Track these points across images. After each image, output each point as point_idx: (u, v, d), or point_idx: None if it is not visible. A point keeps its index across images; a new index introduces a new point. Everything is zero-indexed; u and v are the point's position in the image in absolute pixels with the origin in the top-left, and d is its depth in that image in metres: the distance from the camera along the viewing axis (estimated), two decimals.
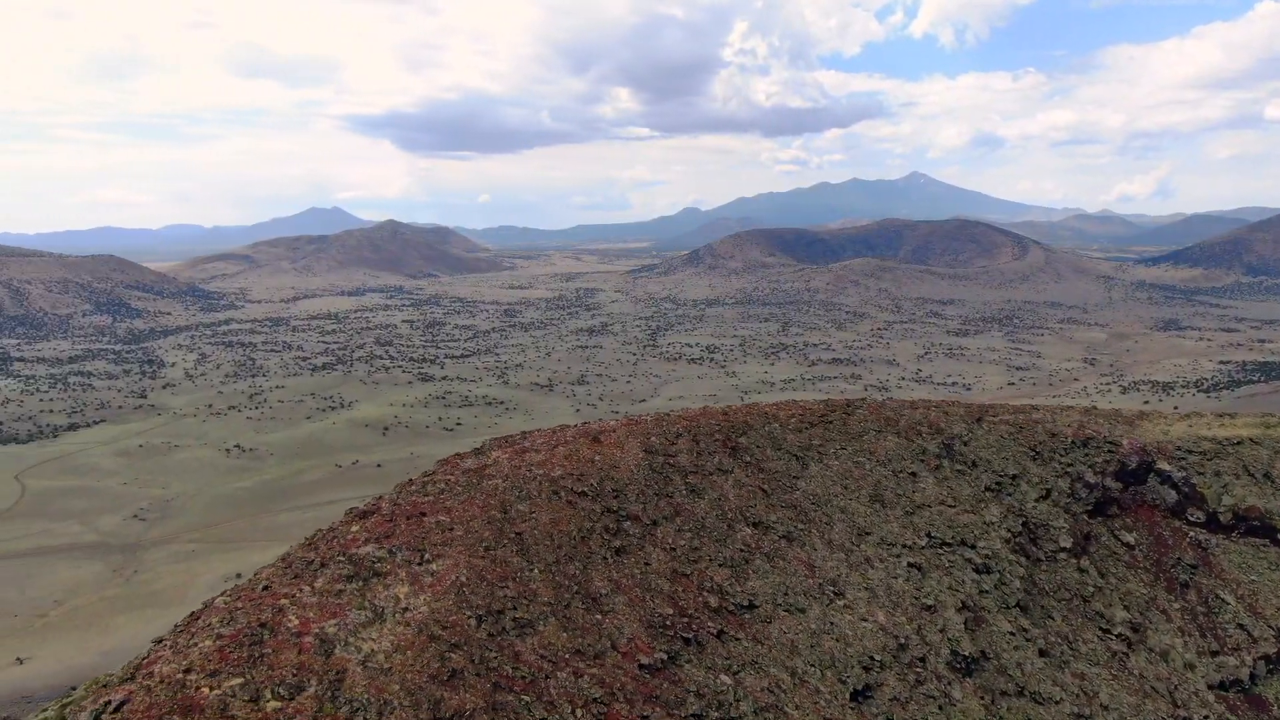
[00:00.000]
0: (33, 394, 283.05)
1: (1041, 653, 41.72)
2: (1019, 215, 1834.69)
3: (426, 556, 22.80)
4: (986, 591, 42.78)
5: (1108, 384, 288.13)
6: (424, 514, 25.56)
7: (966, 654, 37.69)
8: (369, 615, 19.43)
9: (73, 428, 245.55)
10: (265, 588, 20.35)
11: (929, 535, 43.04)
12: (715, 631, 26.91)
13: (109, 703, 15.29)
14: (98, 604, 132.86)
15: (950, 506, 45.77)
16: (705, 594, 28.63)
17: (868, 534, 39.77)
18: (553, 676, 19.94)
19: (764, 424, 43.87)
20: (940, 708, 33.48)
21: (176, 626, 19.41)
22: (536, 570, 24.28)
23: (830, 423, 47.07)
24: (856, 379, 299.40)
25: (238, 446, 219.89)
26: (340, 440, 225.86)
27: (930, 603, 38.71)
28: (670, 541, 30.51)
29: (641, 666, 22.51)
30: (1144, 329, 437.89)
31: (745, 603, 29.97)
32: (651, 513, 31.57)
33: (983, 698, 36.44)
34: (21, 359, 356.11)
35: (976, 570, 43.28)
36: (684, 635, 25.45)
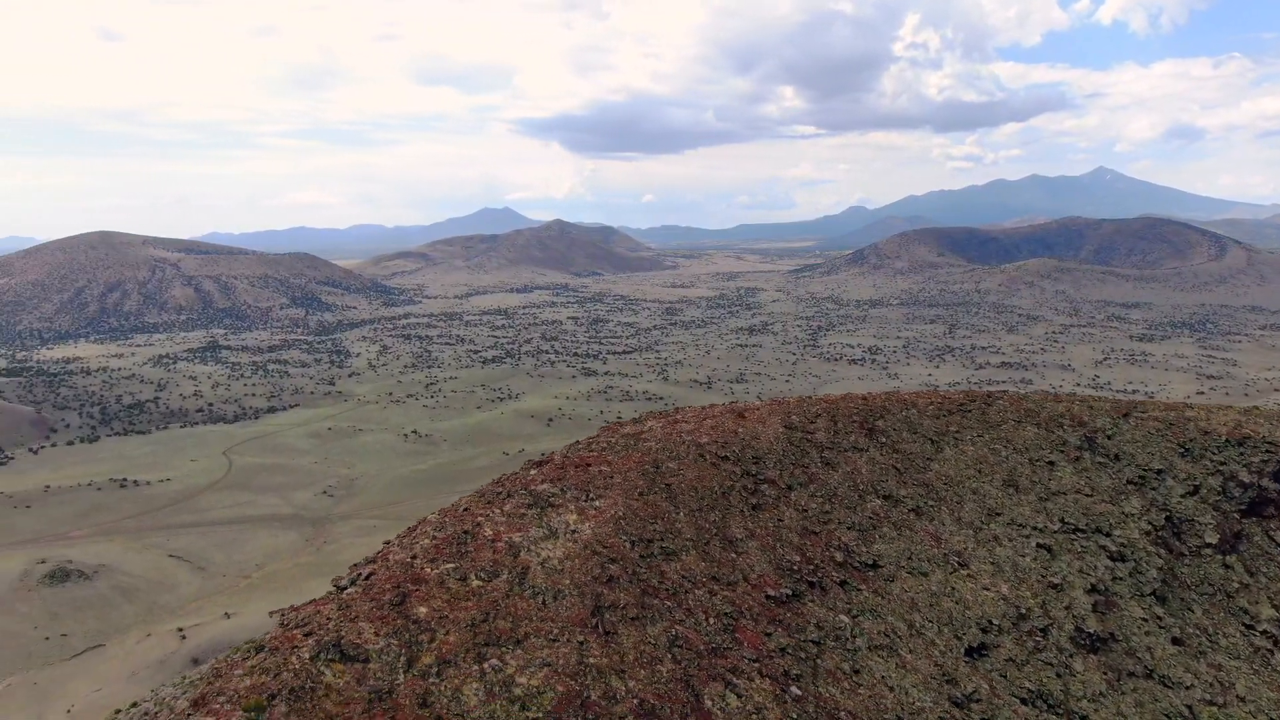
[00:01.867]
0: (238, 379, 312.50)
1: (1175, 641, 42.54)
2: (1219, 213, 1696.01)
3: (591, 495, 27.56)
4: (1120, 579, 43.91)
5: None
6: (589, 464, 30.39)
7: (1092, 632, 39.30)
8: (546, 532, 24.30)
9: (271, 410, 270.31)
10: (465, 509, 25.65)
11: (1062, 521, 44.58)
12: (839, 580, 30.44)
13: (360, 574, 20.74)
14: (292, 569, 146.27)
15: (1087, 495, 46.99)
16: (832, 550, 32.14)
17: (998, 514, 41.92)
18: (691, 592, 24.16)
19: (902, 409, 46.60)
20: (1058, 675, 35.53)
21: (399, 535, 24.94)
22: (682, 514, 28.59)
23: (969, 411, 49.15)
24: (1027, 384, 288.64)
25: (414, 432, 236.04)
26: (507, 429, 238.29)
27: (1057, 582, 40.51)
28: (803, 504, 34.15)
29: (768, 597, 26.37)
30: None
31: (870, 561, 33.27)
32: (787, 479, 35.30)
33: (1106, 674, 38.01)
34: (228, 347, 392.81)
35: (1111, 557, 44.45)
36: (809, 579, 29.13)
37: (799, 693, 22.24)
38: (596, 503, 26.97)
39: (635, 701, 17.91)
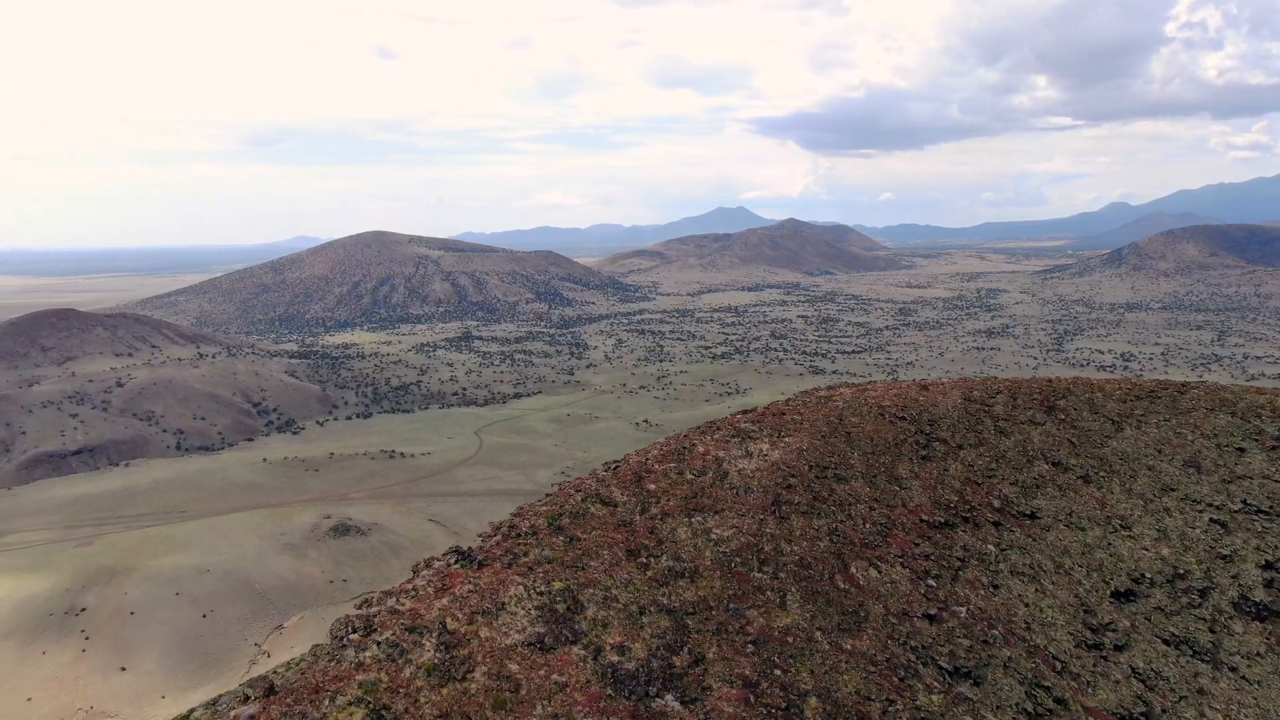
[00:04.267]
0: (488, 367, 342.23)
1: None
2: None
3: (782, 433, 35.05)
4: None
5: None
6: (784, 414, 37.88)
7: (1259, 601, 41.83)
8: (743, 453, 32.15)
9: (516, 396, 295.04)
10: (685, 436, 34.07)
11: (1244, 502, 46.73)
12: (993, 521, 36.13)
13: (610, 466, 29.67)
14: None
15: (1276, 482, 48.55)
16: (991, 498, 37.72)
17: (1172, 490, 45.18)
18: (854, 506, 31.07)
19: (1086, 392, 50.38)
20: (1211, 630, 38.88)
21: (636, 450, 33.69)
22: (856, 454, 35.38)
23: (1158, 398, 51.91)
24: None
25: (645, 421, 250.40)
26: None
27: (1227, 553, 43.24)
28: (970, 461, 39.78)
29: (922, 520, 32.70)
30: None
31: (1027, 512, 38.50)
32: (958, 439, 40.98)
33: (1268, 639, 40.60)
34: (479, 338, 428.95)
35: None
36: (964, 515, 35.08)
37: (933, 584, 28.71)
38: (786, 439, 34.44)
39: (797, 558, 25.33)
